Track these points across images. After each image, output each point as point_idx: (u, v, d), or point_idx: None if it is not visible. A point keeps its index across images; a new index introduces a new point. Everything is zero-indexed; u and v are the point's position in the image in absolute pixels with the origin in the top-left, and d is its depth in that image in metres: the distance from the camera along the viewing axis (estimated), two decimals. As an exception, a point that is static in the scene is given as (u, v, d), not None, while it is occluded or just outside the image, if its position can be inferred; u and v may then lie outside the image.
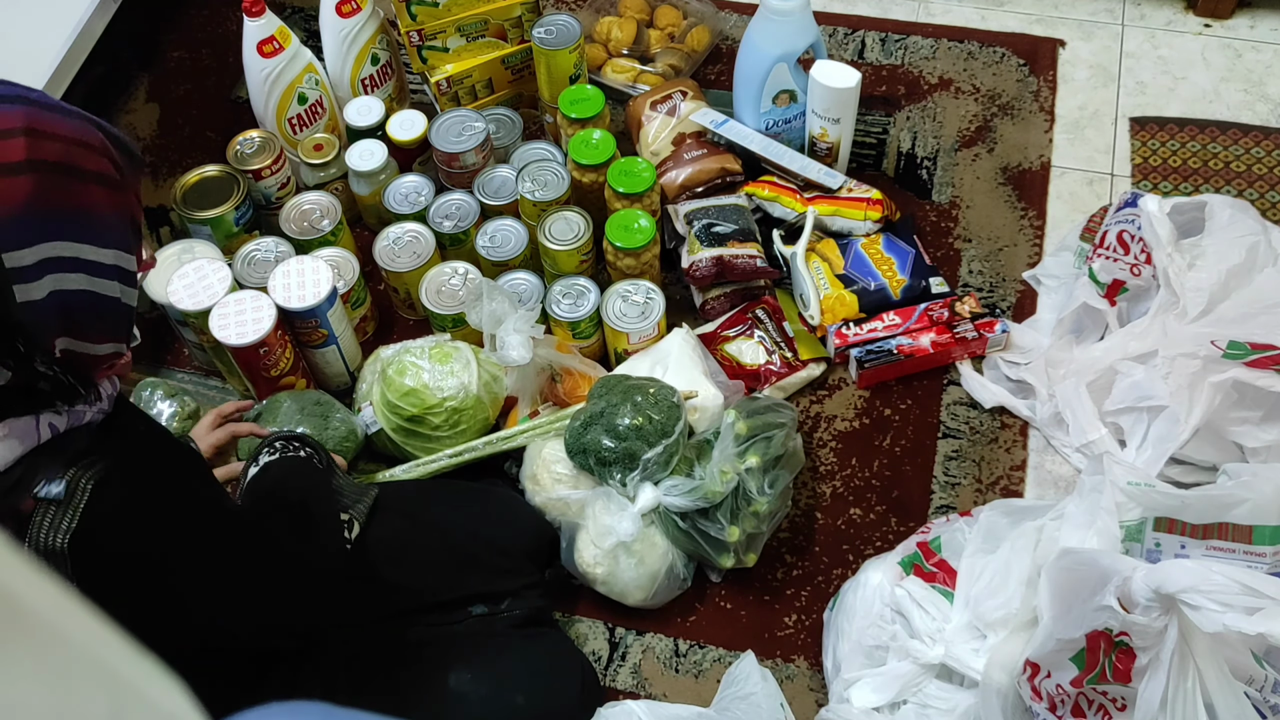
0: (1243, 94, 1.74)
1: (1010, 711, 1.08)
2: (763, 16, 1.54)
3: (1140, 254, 1.35)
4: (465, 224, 1.53)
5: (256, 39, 1.55)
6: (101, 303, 0.81)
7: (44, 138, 0.76)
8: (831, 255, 1.54)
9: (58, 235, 0.77)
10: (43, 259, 0.76)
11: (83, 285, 0.79)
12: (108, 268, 0.81)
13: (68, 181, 0.77)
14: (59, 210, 0.77)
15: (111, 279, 0.81)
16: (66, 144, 0.78)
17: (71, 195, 0.78)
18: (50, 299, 0.77)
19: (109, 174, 0.81)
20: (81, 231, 0.78)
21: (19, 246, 0.74)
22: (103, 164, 0.80)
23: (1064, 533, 1.12)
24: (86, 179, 0.79)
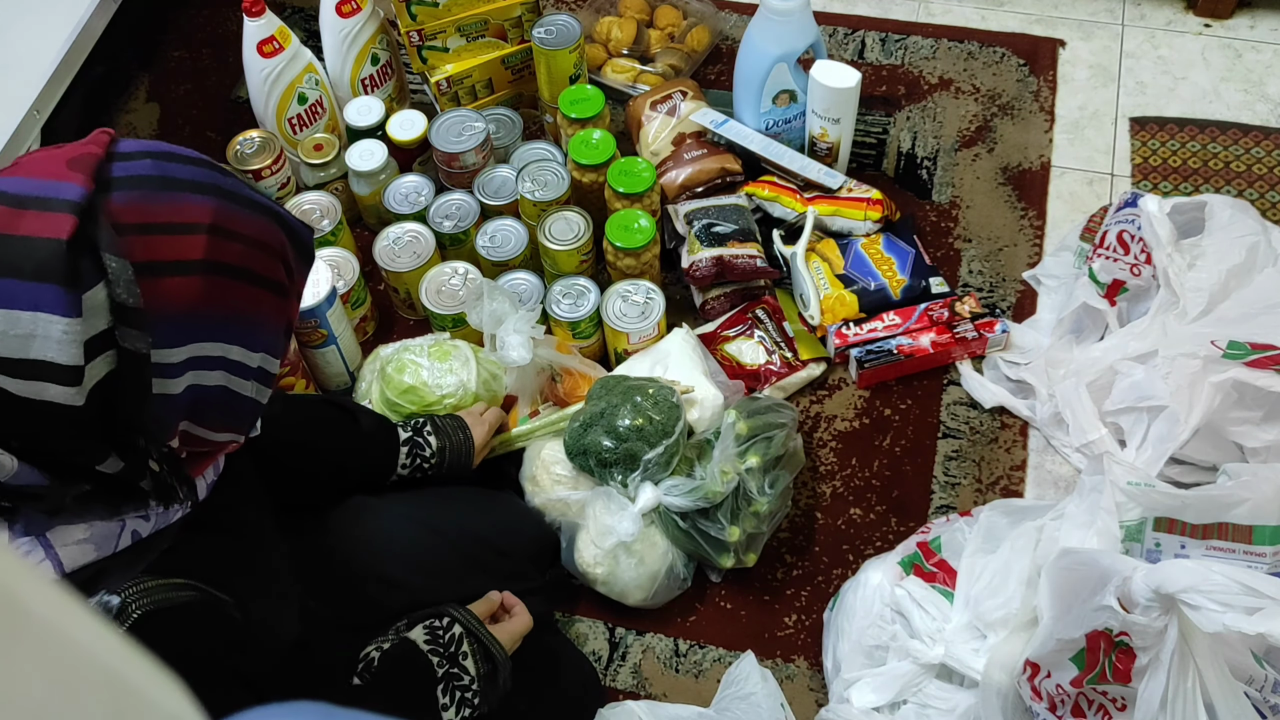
0: (1243, 94, 1.74)
1: (1010, 711, 1.08)
2: (763, 16, 1.54)
3: (1140, 254, 1.35)
4: (465, 224, 1.53)
5: (256, 39, 1.55)
6: (234, 400, 0.78)
7: (226, 237, 0.73)
8: (831, 255, 1.54)
9: (212, 336, 0.74)
10: (190, 357, 0.73)
11: (220, 382, 0.76)
12: (252, 370, 0.78)
13: (238, 286, 0.74)
14: (223, 313, 0.74)
15: (251, 379, 0.78)
16: (247, 246, 0.75)
17: (238, 299, 0.75)
18: (185, 394, 0.74)
19: (279, 280, 0.78)
20: (237, 335, 0.75)
21: (171, 345, 0.71)
22: (276, 269, 0.78)
23: (1064, 533, 1.12)
24: (257, 284, 0.76)
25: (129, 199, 0.70)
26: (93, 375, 0.68)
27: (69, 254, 0.66)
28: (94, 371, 0.68)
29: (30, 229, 0.67)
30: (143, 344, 0.69)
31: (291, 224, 0.81)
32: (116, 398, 0.69)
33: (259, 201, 0.78)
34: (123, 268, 0.68)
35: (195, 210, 0.72)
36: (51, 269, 0.66)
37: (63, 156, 0.71)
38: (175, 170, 0.73)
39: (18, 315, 0.66)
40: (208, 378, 0.75)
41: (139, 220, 0.70)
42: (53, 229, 0.66)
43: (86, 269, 0.67)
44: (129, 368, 0.69)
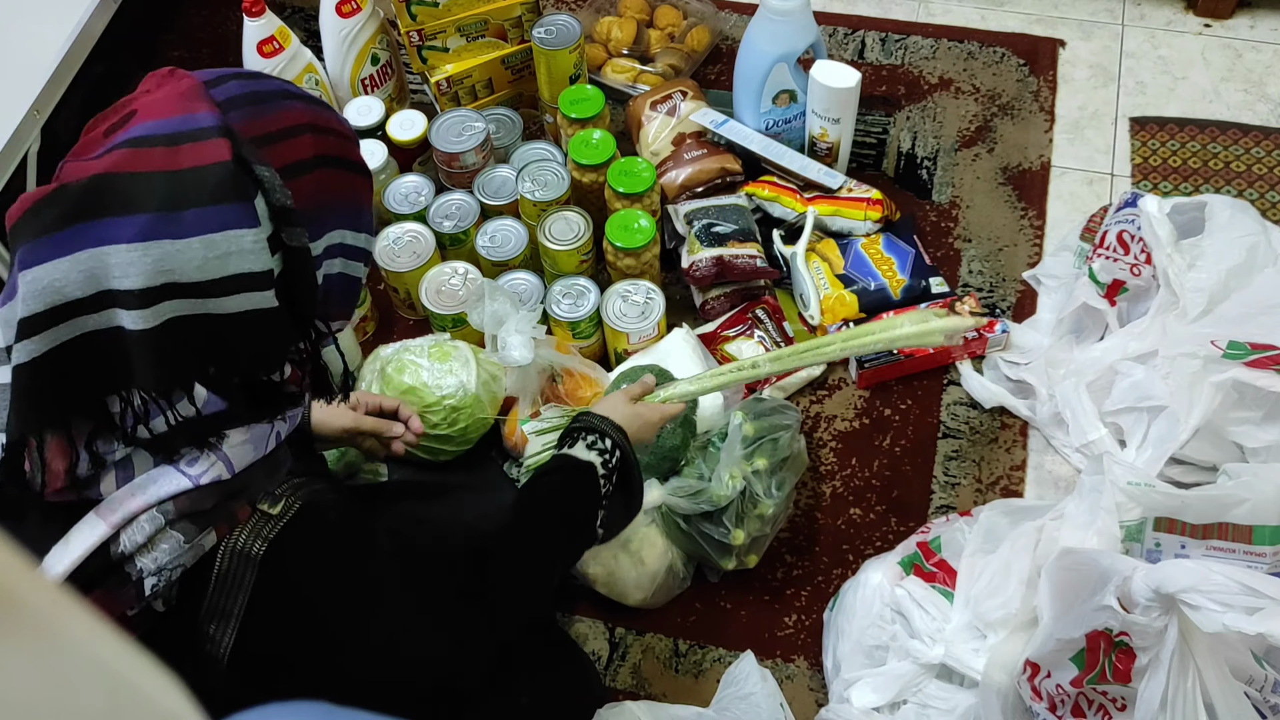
0: (1243, 94, 1.74)
1: (1010, 711, 1.08)
2: (763, 16, 1.54)
3: (1140, 254, 1.35)
4: (465, 224, 1.53)
5: (256, 39, 1.55)
6: (350, 284, 0.85)
7: (324, 132, 0.80)
8: (831, 255, 1.54)
9: (337, 224, 0.81)
10: (329, 247, 0.81)
11: (340, 269, 0.83)
12: (363, 251, 0.85)
13: (342, 174, 0.82)
14: (338, 201, 0.81)
15: (360, 260, 0.86)
16: (339, 138, 0.82)
17: (346, 186, 0.82)
18: (324, 283, 0.81)
19: (362, 162, 0.85)
20: (350, 219, 0.83)
21: (316, 235, 0.79)
22: (358, 152, 0.85)
23: (1064, 533, 1.12)
24: (353, 170, 0.84)
25: (242, 117, 0.76)
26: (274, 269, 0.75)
27: (236, 172, 0.72)
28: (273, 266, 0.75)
29: (191, 160, 0.72)
30: (304, 239, 0.76)
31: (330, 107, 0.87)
32: (293, 293, 0.76)
33: (310, 95, 0.83)
34: (273, 174, 0.74)
35: (292, 115, 0.78)
36: (226, 189, 0.72)
37: (174, 91, 0.75)
38: (255, 85, 0.79)
39: (212, 238, 0.71)
40: (331, 266, 0.82)
41: (258, 133, 0.76)
42: (215, 154, 0.72)
43: (245, 182, 0.73)
44: (299, 263, 0.76)
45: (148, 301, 0.71)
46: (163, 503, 0.76)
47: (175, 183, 0.71)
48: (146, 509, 0.75)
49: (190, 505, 0.76)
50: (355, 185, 0.84)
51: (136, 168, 0.72)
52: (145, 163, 0.72)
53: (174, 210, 0.71)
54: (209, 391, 0.76)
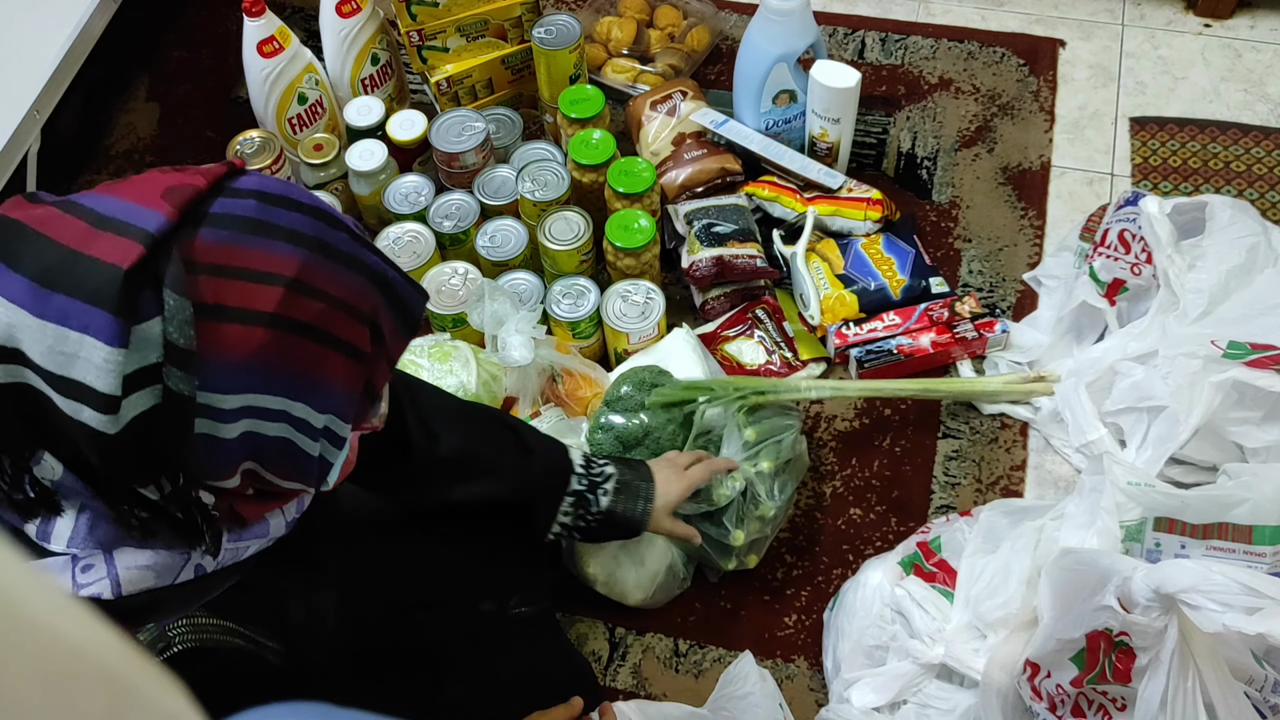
0: (1243, 94, 1.74)
1: (1010, 711, 1.08)
2: (763, 16, 1.54)
3: (1141, 253, 1.35)
4: (465, 224, 1.53)
5: (256, 39, 1.55)
6: (298, 455, 0.74)
7: (306, 294, 0.70)
8: (831, 255, 1.54)
9: (271, 390, 0.70)
10: (246, 406, 0.70)
11: (282, 434, 0.72)
12: (316, 430, 0.74)
13: (307, 344, 0.71)
14: (284, 370, 0.70)
15: (316, 440, 0.74)
16: (329, 306, 0.71)
17: (304, 358, 0.71)
18: (240, 439, 0.70)
19: (358, 345, 0.74)
20: (300, 392, 0.71)
21: (224, 391, 0.68)
22: (358, 332, 0.73)
23: (1064, 533, 1.12)
24: (331, 345, 0.72)
25: (214, 237, 0.68)
26: (134, 406, 0.66)
27: (126, 284, 0.65)
28: (136, 403, 0.66)
29: (99, 251, 0.66)
30: (187, 386, 0.67)
31: (399, 291, 0.77)
32: (156, 432, 0.68)
33: (363, 261, 0.74)
34: (180, 307, 0.66)
35: (280, 261, 0.69)
36: (106, 296, 0.65)
37: (165, 182, 0.70)
38: (277, 215, 0.71)
39: (67, 333, 0.65)
40: (268, 428, 0.71)
41: (217, 260, 0.68)
42: (118, 255, 0.65)
43: (145, 301, 0.66)
44: (170, 407, 0.67)
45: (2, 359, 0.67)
46: None
47: (65, 262, 0.66)
48: None
49: None
50: (321, 359, 0.72)
51: (48, 230, 0.67)
52: (60, 230, 0.67)
53: (45, 288, 0.65)
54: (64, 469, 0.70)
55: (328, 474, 0.78)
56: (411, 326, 0.79)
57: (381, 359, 0.77)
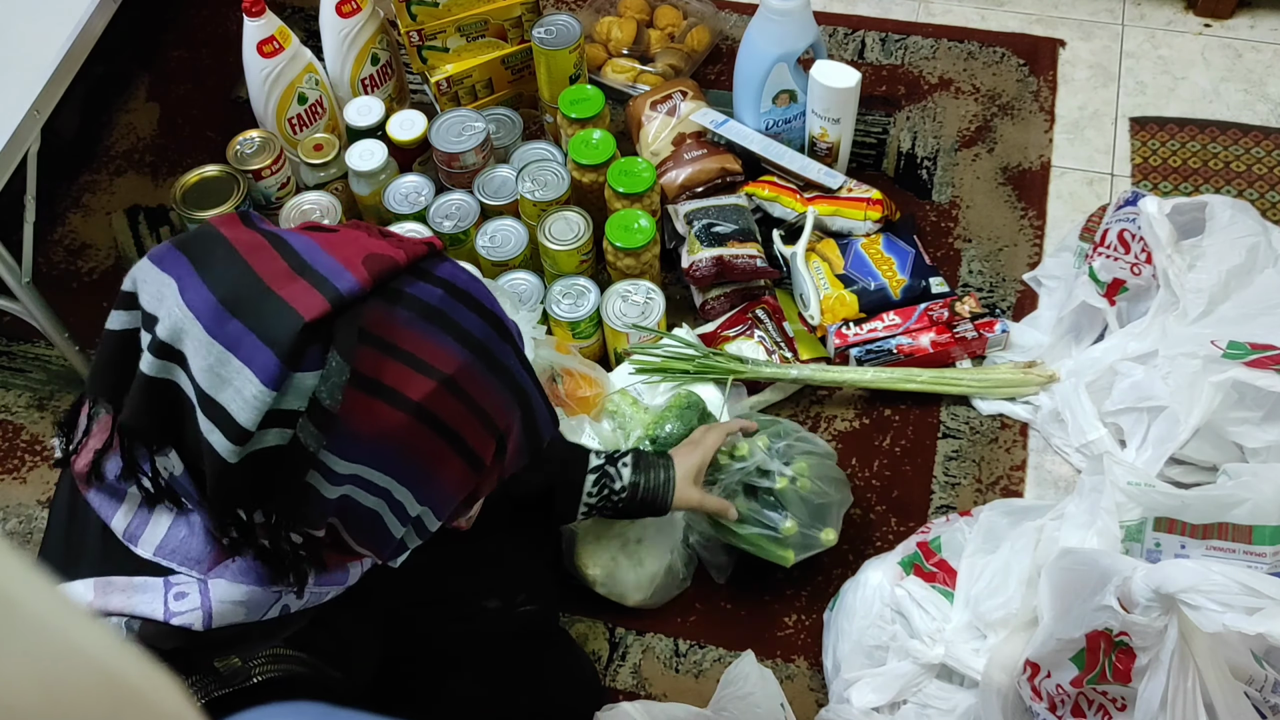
0: (1243, 94, 1.74)
1: (1010, 711, 1.08)
2: (763, 16, 1.54)
3: (1141, 253, 1.35)
4: (465, 224, 1.53)
5: (256, 39, 1.55)
6: (382, 529, 0.75)
7: (454, 396, 0.72)
8: (831, 255, 1.54)
9: (384, 469, 0.72)
10: (355, 475, 0.71)
11: (374, 507, 0.74)
12: (409, 516, 0.75)
13: (437, 441, 0.73)
14: (407, 456, 0.72)
15: (405, 524, 0.76)
16: (469, 412, 0.73)
17: (428, 451, 0.73)
18: (338, 500, 0.72)
19: (481, 455, 0.76)
20: (409, 479, 0.73)
21: (344, 457, 0.70)
22: (485, 445, 0.76)
23: (1064, 533, 1.12)
24: (456, 448, 0.74)
25: (395, 316, 0.71)
26: (260, 441, 0.68)
27: (302, 334, 0.67)
28: (263, 438, 0.68)
29: (289, 294, 0.68)
30: (315, 442, 0.69)
31: (537, 416, 0.79)
32: (272, 469, 0.69)
33: (516, 378, 0.77)
34: (340, 370, 0.68)
35: (444, 356, 0.72)
36: (280, 339, 0.67)
37: (370, 248, 0.72)
38: (457, 311, 0.73)
39: (230, 359, 0.67)
40: (365, 499, 0.73)
41: (388, 338, 0.70)
42: (304, 305, 0.68)
43: (313, 354, 0.68)
44: (293, 453, 0.69)
45: (160, 353, 0.70)
46: (134, 618, 0.73)
47: (255, 294, 0.68)
48: (120, 614, 0.73)
49: (153, 636, 0.73)
50: (442, 457, 0.74)
51: (251, 259, 0.70)
52: (262, 263, 0.70)
53: (229, 310, 0.68)
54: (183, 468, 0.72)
55: (402, 554, 0.79)
56: (535, 451, 0.82)
57: (495, 472, 0.79)
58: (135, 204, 1.75)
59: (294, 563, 0.75)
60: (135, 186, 1.77)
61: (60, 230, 1.73)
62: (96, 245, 1.71)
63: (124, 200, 1.76)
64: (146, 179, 1.78)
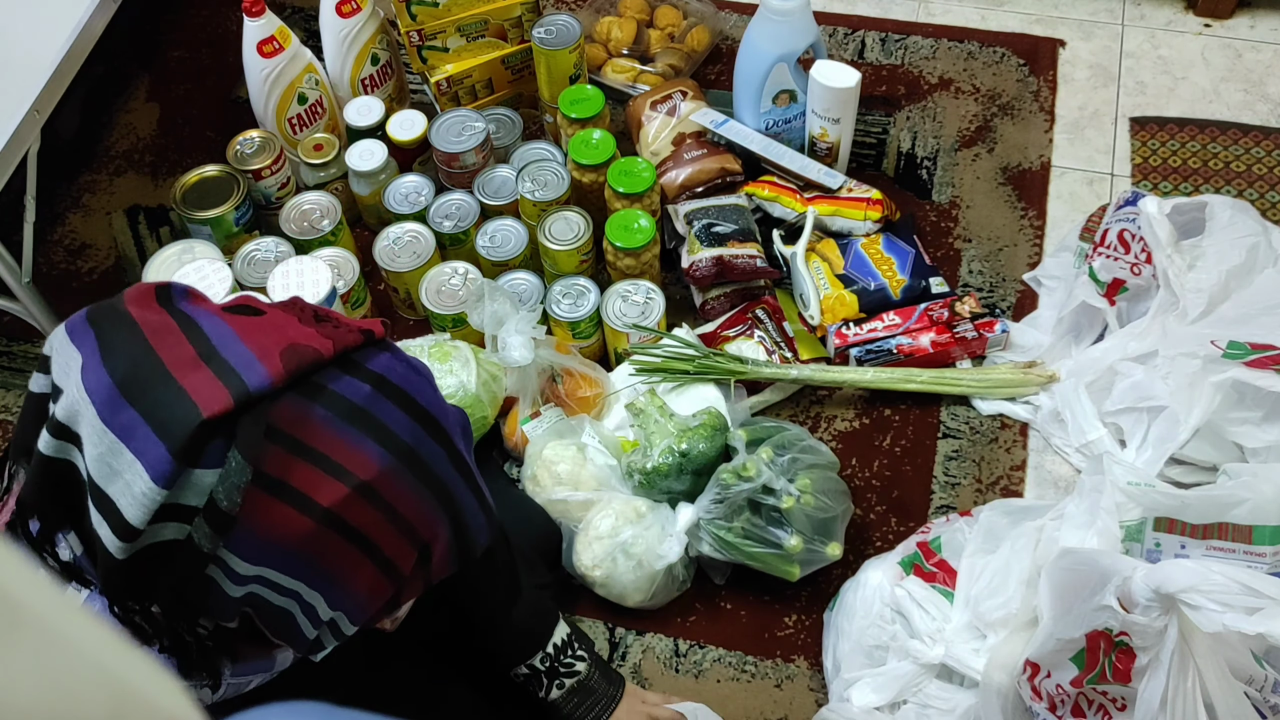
0: (1243, 94, 1.74)
1: (1010, 711, 1.08)
2: (763, 16, 1.54)
3: (1141, 253, 1.35)
4: (465, 224, 1.53)
5: (256, 39, 1.55)
6: (294, 629, 0.70)
7: (370, 501, 0.67)
8: (831, 255, 1.54)
9: (290, 572, 0.67)
10: (259, 577, 0.67)
11: (285, 607, 0.69)
12: (322, 620, 0.70)
13: (347, 547, 0.67)
14: (313, 562, 0.67)
15: (317, 627, 0.71)
16: (386, 522, 0.68)
17: (339, 559, 0.67)
18: (244, 598, 0.68)
19: (399, 565, 0.70)
20: (319, 585, 0.68)
21: (245, 559, 0.65)
22: (405, 554, 0.70)
23: (1064, 533, 1.12)
24: (370, 556, 0.68)
25: (308, 412, 0.66)
26: (151, 536, 0.64)
27: (199, 431, 0.62)
28: (155, 533, 0.64)
29: (190, 385, 0.64)
30: (210, 544, 0.64)
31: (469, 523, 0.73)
32: (168, 563, 0.65)
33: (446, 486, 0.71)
34: (240, 471, 0.63)
35: (360, 460, 0.66)
36: (174, 434, 0.62)
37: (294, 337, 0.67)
38: (383, 410, 0.68)
39: (123, 450, 0.63)
40: (273, 598, 0.68)
41: (298, 436, 0.65)
42: (204, 398, 0.63)
43: (213, 450, 0.63)
44: (190, 552, 0.65)
45: (54, 431, 0.66)
46: None
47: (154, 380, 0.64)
48: None
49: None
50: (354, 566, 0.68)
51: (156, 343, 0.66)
52: (167, 348, 0.65)
53: (125, 398, 0.63)
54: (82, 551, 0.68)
55: (319, 652, 0.74)
56: (466, 560, 0.75)
57: (419, 580, 0.73)
58: (135, 204, 1.75)
59: (202, 656, 0.70)
60: (135, 186, 1.77)
61: (60, 230, 1.73)
62: (96, 245, 1.71)
63: (124, 200, 1.76)
64: (146, 179, 1.78)
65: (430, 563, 0.72)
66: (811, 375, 1.43)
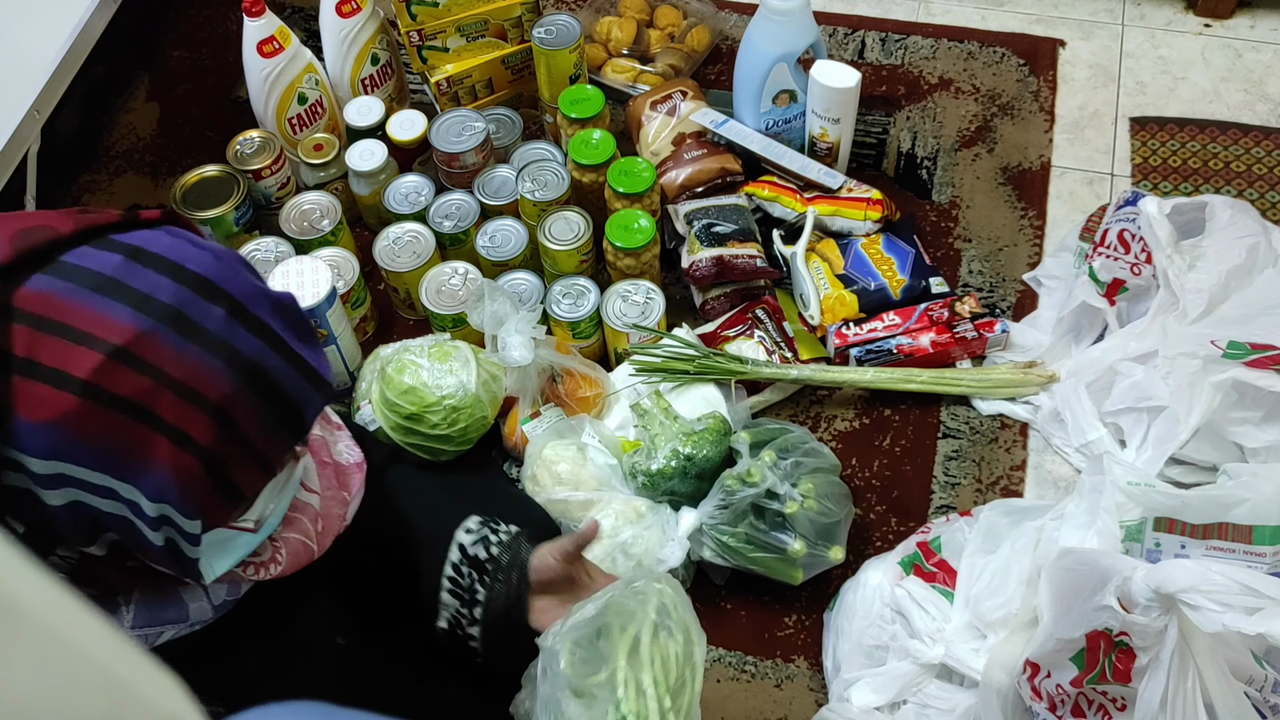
0: (1243, 94, 1.74)
1: (1010, 711, 1.08)
2: (763, 16, 1.54)
3: (1140, 253, 1.35)
4: (465, 224, 1.53)
5: (256, 39, 1.55)
6: (141, 540, 0.69)
7: (131, 365, 0.64)
8: (831, 255, 1.54)
9: (86, 464, 0.65)
10: (61, 474, 0.65)
11: (118, 512, 0.67)
12: (151, 518, 0.68)
13: (125, 421, 0.65)
14: (98, 444, 0.65)
15: (157, 529, 0.68)
16: (157, 383, 0.65)
17: (122, 436, 0.65)
18: (68, 510, 0.66)
19: (190, 434, 0.66)
20: (122, 473, 0.66)
21: (35, 455, 0.64)
22: (193, 419, 0.66)
23: (1064, 533, 1.12)
24: (154, 427, 0.65)
25: (47, 286, 0.64)
26: None
27: None
28: None
29: None
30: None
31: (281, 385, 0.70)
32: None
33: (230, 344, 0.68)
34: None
35: (111, 326, 0.64)
36: None
37: (26, 223, 0.66)
38: (137, 276, 0.66)
39: None
40: (99, 504, 0.66)
41: (42, 312, 0.64)
42: None
43: None
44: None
45: None
46: None
47: None
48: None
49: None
50: (142, 441, 0.65)
51: None
52: None
53: None
54: None
55: (195, 568, 0.71)
56: (294, 427, 0.72)
57: (241, 455, 0.69)
58: (135, 204, 1.75)
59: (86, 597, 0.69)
60: (135, 186, 1.77)
61: (60, 230, 1.73)
62: (96, 245, 1.71)
63: (124, 200, 1.76)
64: (146, 179, 1.78)
65: (241, 431, 0.69)
66: (811, 375, 1.43)
